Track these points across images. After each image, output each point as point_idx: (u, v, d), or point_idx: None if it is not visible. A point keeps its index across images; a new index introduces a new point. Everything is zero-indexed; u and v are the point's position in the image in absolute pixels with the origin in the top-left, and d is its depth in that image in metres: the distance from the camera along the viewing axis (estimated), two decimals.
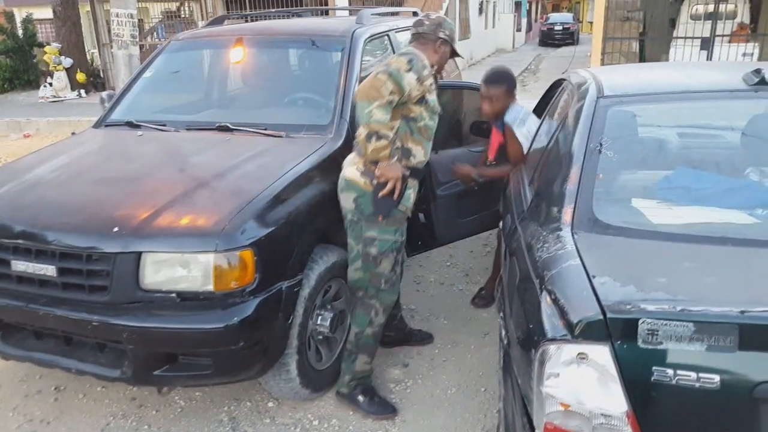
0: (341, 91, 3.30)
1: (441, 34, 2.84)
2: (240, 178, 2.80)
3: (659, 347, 1.47)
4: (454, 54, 2.95)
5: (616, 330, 1.51)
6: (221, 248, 2.38)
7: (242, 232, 2.43)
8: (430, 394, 3.04)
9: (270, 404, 3.00)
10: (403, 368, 3.25)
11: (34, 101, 14.21)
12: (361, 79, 3.52)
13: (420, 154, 2.77)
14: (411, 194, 2.77)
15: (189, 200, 2.62)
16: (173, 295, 2.44)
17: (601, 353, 1.52)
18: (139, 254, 2.43)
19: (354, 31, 3.65)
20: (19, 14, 17.94)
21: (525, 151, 3.31)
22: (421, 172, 2.86)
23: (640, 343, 1.49)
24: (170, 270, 2.45)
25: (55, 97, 14.23)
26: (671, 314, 1.47)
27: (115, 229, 2.47)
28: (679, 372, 1.47)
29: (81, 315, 2.48)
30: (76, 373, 2.66)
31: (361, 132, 2.60)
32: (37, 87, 15.01)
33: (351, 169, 2.75)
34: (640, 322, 1.48)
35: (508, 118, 3.38)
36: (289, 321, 2.64)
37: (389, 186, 2.62)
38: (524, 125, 3.35)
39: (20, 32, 16.59)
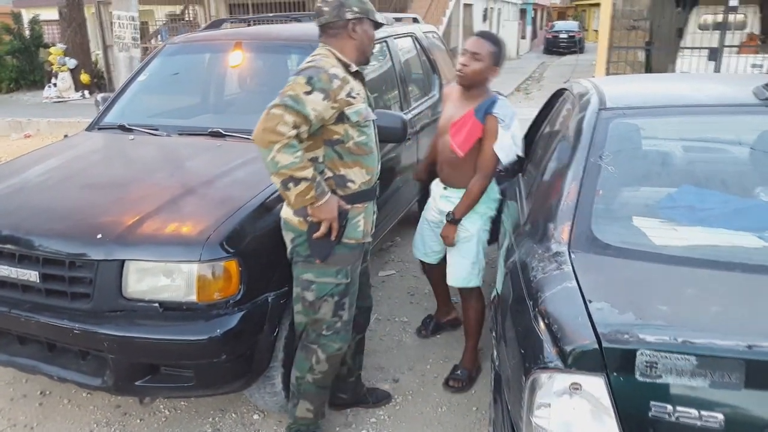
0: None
1: (348, 14, 2.32)
2: (228, 186, 2.73)
3: (658, 381, 1.39)
4: (378, 26, 2.45)
5: (612, 360, 1.43)
6: (205, 258, 2.30)
7: (227, 241, 2.35)
8: (420, 412, 2.95)
9: (255, 417, 2.93)
10: (393, 383, 3.17)
11: (38, 101, 14.25)
12: None
13: (359, 176, 2.36)
14: (360, 222, 2.40)
15: (175, 207, 2.55)
16: (156, 304, 2.37)
17: (595, 384, 1.44)
18: (122, 262, 2.36)
19: None
20: (27, 15, 17.99)
21: (496, 163, 2.83)
22: (370, 192, 2.45)
23: (637, 375, 1.40)
24: (153, 279, 2.39)
25: (59, 97, 14.27)
26: (672, 346, 1.39)
27: (99, 235, 2.41)
28: (679, 408, 1.38)
29: (63, 322, 2.42)
30: (57, 380, 2.60)
31: (275, 181, 2.18)
32: (42, 87, 15.08)
33: (285, 206, 2.39)
34: (639, 353, 1.39)
35: (498, 110, 2.74)
36: (275, 333, 2.57)
37: (323, 228, 2.27)
38: (510, 129, 2.75)
39: (27, 33, 16.65)
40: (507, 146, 2.75)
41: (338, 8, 2.31)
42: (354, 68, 2.35)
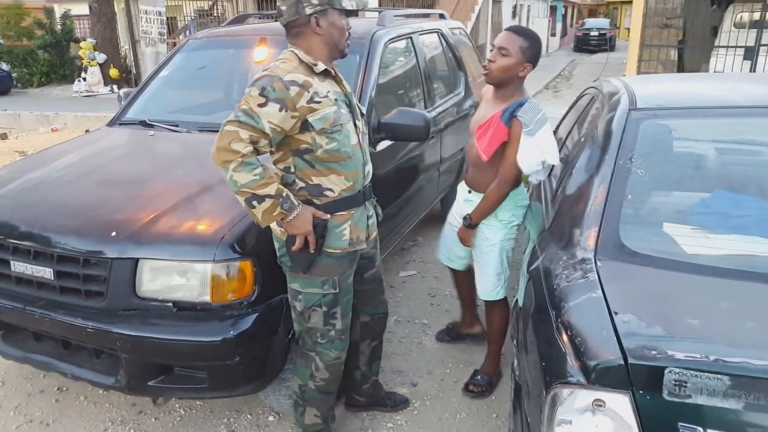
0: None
1: (308, 9, 2.10)
2: None
3: (687, 401, 1.30)
4: (350, 14, 2.24)
5: (638, 378, 1.34)
6: (219, 258, 2.27)
7: (242, 241, 2.32)
8: (438, 418, 2.88)
9: (270, 418, 2.89)
10: (412, 388, 3.10)
11: (68, 95, 14.48)
12: (379, 85, 3.39)
13: (337, 184, 2.21)
14: (345, 231, 2.26)
15: (191, 206, 2.52)
16: (169, 304, 2.34)
17: (619, 402, 1.36)
18: (136, 260, 2.34)
19: (374, 33, 3.52)
20: (59, 10, 18.29)
21: (518, 173, 2.62)
22: (355, 199, 2.29)
23: (665, 394, 1.32)
24: (167, 278, 2.36)
25: (88, 91, 14.50)
26: (703, 364, 1.30)
27: (113, 233, 2.39)
28: (709, 431, 1.28)
29: (77, 320, 2.41)
30: (72, 378, 2.60)
31: (239, 200, 2.07)
32: (72, 81, 15.33)
33: None
34: (667, 371, 1.31)
35: (522, 114, 2.50)
36: (290, 335, 2.52)
37: (298, 242, 2.16)
38: (535, 136, 2.49)
39: (59, 28, 16.95)
40: (529, 156, 2.51)
41: (296, 4, 2.12)
42: (321, 68, 2.17)
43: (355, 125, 2.29)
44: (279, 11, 2.18)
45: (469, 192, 2.91)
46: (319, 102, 2.11)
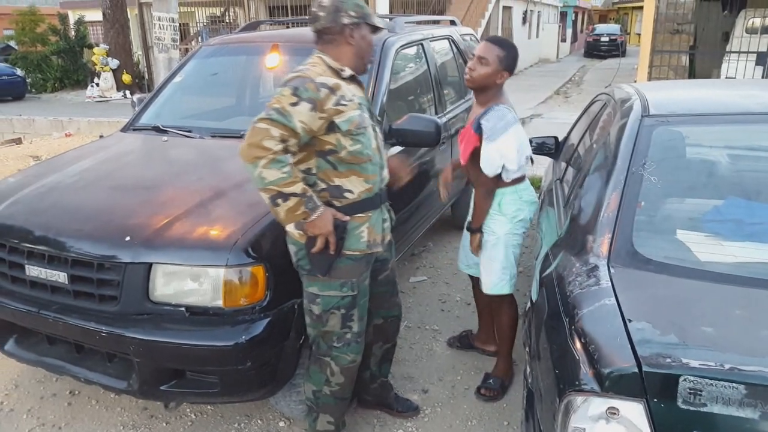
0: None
1: (345, 19, 2.20)
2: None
3: (702, 409, 1.29)
4: (376, 30, 2.32)
5: (652, 386, 1.33)
6: (232, 263, 2.28)
7: (254, 246, 2.33)
8: (449, 425, 2.87)
9: (281, 424, 2.89)
10: (423, 394, 3.09)
11: (81, 100, 14.61)
12: (391, 91, 3.40)
13: (357, 185, 2.25)
14: (364, 233, 2.29)
15: (204, 211, 2.54)
16: (182, 309, 2.36)
17: (634, 410, 1.35)
18: (149, 265, 2.35)
19: (385, 40, 3.52)
20: (73, 16, 18.49)
21: (491, 176, 2.71)
22: (374, 201, 2.33)
23: (680, 402, 1.31)
24: (180, 283, 2.37)
25: (101, 97, 14.63)
26: (719, 373, 1.29)
27: (127, 238, 2.41)
28: None
29: (90, 324, 2.42)
30: (84, 381, 2.62)
31: (263, 197, 2.11)
32: (86, 87, 15.48)
33: None
34: (682, 379, 1.30)
35: (485, 122, 2.65)
36: (302, 341, 2.53)
37: (319, 243, 2.18)
38: (495, 141, 2.63)
39: (72, 34, 17.13)
40: (488, 158, 2.66)
41: (334, 13, 2.20)
42: (347, 73, 2.25)
43: (374, 129, 2.36)
44: (314, 16, 2.24)
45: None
46: (345, 105, 2.17)
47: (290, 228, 2.21)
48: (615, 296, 1.61)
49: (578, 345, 1.51)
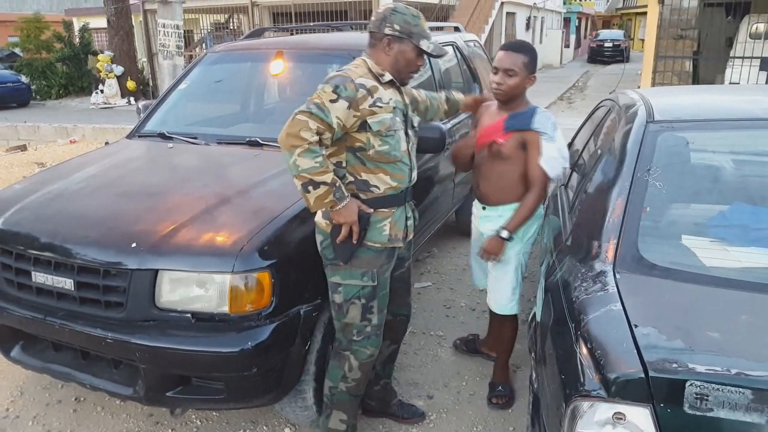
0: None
1: (387, 30, 2.30)
2: (263, 196, 2.72)
3: (709, 414, 1.30)
4: (422, 53, 2.36)
5: (659, 391, 1.34)
6: (238, 269, 2.28)
7: (260, 253, 2.33)
8: (454, 431, 2.87)
9: (287, 430, 2.90)
10: (428, 400, 3.09)
11: (85, 107, 14.67)
12: None
13: (383, 182, 2.36)
14: (386, 227, 2.39)
15: (209, 218, 2.54)
16: (188, 315, 2.36)
17: (640, 416, 1.35)
18: (155, 272, 2.36)
19: None
20: (78, 23, 18.58)
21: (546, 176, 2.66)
22: (398, 198, 2.43)
23: (686, 407, 1.31)
24: (186, 289, 2.38)
25: (105, 103, 14.69)
26: (725, 378, 1.29)
27: (133, 244, 2.41)
28: None
29: (96, 331, 2.43)
30: (90, 388, 2.62)
31: (296, 183, 2.23)
32: (90, 93, 15.54)
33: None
34: (688, 384, 1.30)
35: (538, 124, 2.60)
36: (307, 347, 2.54)
37: (344, 231, 2.29)
38: (554, 140, 2.60)
39: (77, 41, 17.20)
40: (552, 159, 2.61)
41: (381, 20, 2.33)
42: (387, 78, 2.35)
43: (407, 134, 2.46)
44: (371, 18, 2.40)
45: (484, 208, 2.89)
46: (380, 107, 2.29)
47: (318, 218, 2.39)
48: (621, 301, 1.61)
49: (584, 350, 1.51)
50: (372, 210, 2.35)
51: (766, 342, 1.45)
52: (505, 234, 2.70)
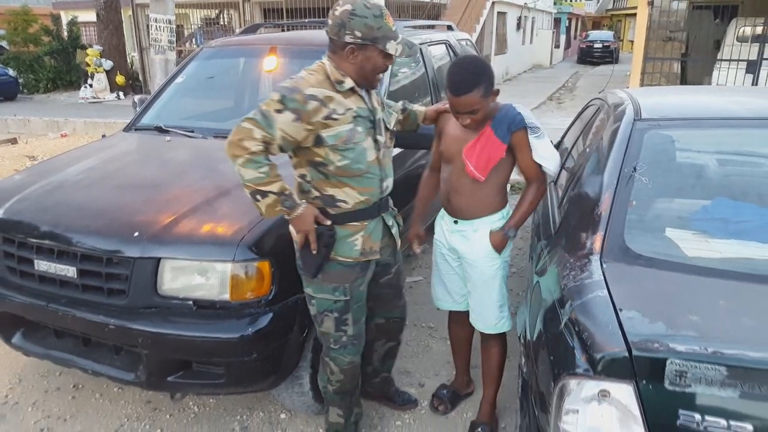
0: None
1: (348, 38, 2.09)
2: None
3: (687, 390, 1.39)
4: (387, 57, 2.16)
5: (641, 368, 1.43)
6: (239, 258, 2.35)
7: (260, 242, 2.40)
8: (445, 418, 2.95)
9: (282, 416, 2.97)
10: (419, 388, 3.18)
11: (74, 101, 14.58)
12: (390, 94, 3.49)
13: (350, 196, 2.24)
14: (357, 241, 2.30)
15: (210, 208, 2.61)
16: (189, 302, 2.42)
17: (624, 392, 1.44)
18: (158, 260, 2.42)
19: None
20: (66, 17, 18.44)
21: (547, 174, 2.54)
22: (369, 211, 2.31)
23: (666, 384, 1.41)
24: (188, 277, 2.44)
25: (94, 98, 14.61)
26: (702, 356, 1.39)
27: (136, 233, 2.47)
28: (707, 418, 1.38)
29: (98, 317, 2.49)
30: (92, 374, 2.67)
31: (245, 192, 2.14)
32: (79, 88, 15.46)
33: None
34: (668, 362, 1.40)
35: (528, 119, 2.42)
36: (304, 334, 2.61)
37: (299, 240, 2.25)
38: (545, 136, 2.46)
39: (65, 34, 17.07)
40: (550, 154, 2.46)
41: (339, 27, 2.11)
42: (346, 86, 2.17)
43: (376, 141, 2.28)
44: (328, 20, 2.16)
45: (456, 222, 2.62)
46: (335, 119, 2.13)
47: (290, 227, 2.30)
48: (607, 288, 1.70)
49: (573, 332, 1.60)
50: (329, 222, 2.24)
51: (740, 324, 1.55)
52: (512, 233, 2.53)
